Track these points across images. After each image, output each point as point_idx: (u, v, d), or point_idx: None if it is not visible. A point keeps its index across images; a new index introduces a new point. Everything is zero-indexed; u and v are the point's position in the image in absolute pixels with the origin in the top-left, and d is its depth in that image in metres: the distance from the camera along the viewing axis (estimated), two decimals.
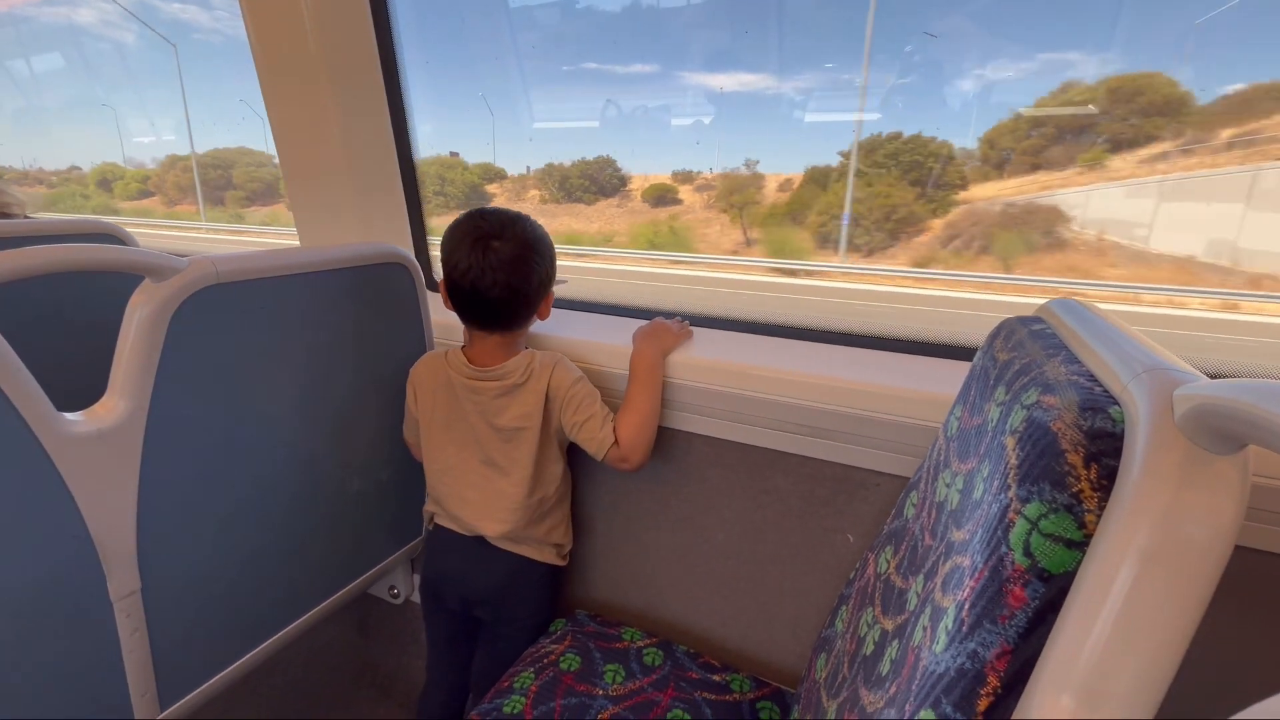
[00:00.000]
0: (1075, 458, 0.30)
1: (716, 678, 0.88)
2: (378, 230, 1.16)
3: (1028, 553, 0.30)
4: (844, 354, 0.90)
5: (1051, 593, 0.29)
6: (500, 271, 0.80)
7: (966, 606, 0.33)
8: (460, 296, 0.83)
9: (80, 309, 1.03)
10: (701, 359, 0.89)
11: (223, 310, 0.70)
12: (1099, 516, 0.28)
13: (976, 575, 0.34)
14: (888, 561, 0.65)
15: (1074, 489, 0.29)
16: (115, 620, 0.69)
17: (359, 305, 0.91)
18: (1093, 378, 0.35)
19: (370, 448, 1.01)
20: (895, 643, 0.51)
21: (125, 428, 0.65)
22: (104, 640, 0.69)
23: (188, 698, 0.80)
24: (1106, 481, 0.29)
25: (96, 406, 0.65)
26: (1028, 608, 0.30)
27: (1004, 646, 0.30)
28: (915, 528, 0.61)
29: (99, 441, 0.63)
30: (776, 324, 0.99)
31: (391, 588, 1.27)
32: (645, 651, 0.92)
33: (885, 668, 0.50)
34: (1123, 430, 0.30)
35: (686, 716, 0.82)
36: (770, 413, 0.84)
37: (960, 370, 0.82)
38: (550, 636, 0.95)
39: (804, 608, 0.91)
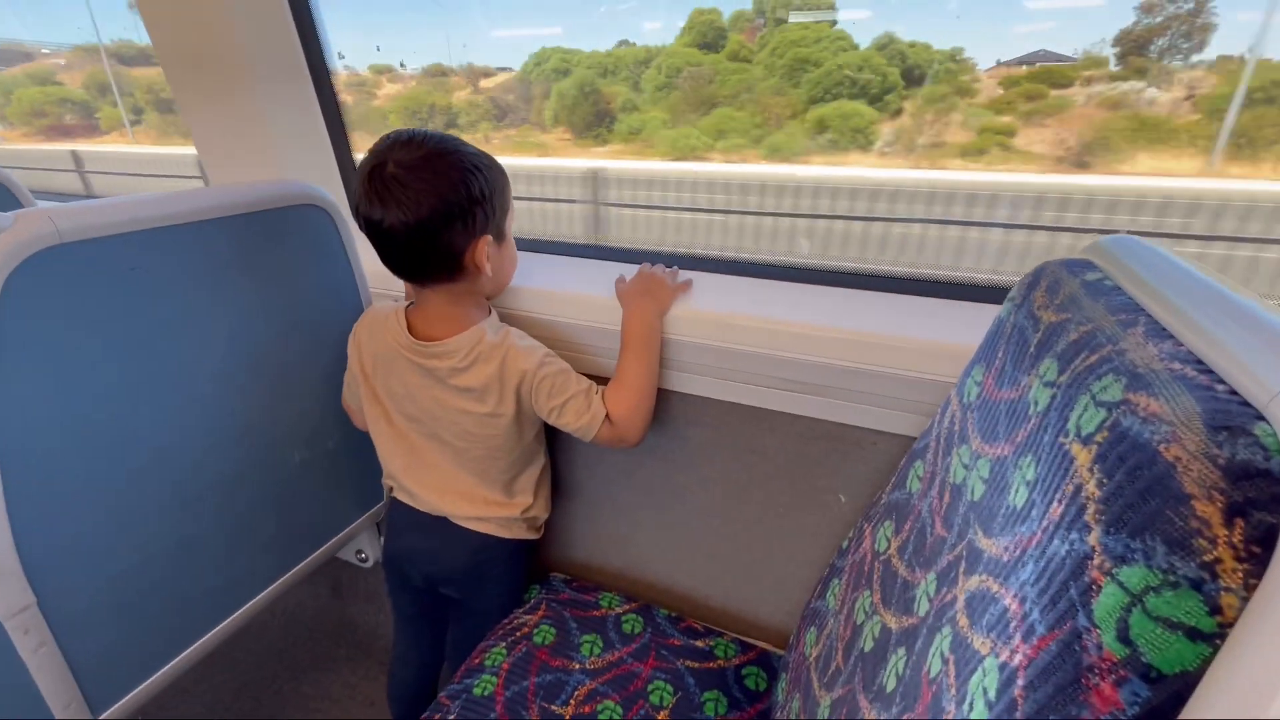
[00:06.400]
0: (1208, 508, 0.20)
1: (699, 643, 0.84)
2: (299, 165, 0.99)
3: (1125, 638, 0.21)
4: (837, 296, 0.79)
5: (1160, 699, 0.20)
6: (390, 202, 0.63)
7: (1020, 682, 0.25)
8: (370, 237, 0.68)
9: None
10: (678, 310, 0.78)
11: (78, 275, 0.57)
12: (1245, 599, 0.19)
13: (1034, 638, 0.25)
14: (888, 539, 0.58)
15: (1206, 556, 0.20)
16: (10, 638, 0.60)
17: (270, 257, 0.77)
18: (1206, 368, 0.25)
19: (312, 414, 0.90)
20: (902, 652, 0.44)
21: None
22: (3, 659, 0.61)
23: (125, 699, 0.73)
24: (1260, 549, 0.19)
25: None
26: (1120, 716, 0.21)
27: None
28: (922, 507, 0.53)
29: None
30: (758, 263, 0.87)
31: (359, 552, 1.21)
32: (624, 619, 0.87)
33: (890, 683, 0.43)
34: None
35: (668, 688, 0.77)
36: (755, 367, 0.74)
37: (974, 314, 0.72)
38: (524, 606, 0.89)
39: (791, 567, 0.86)
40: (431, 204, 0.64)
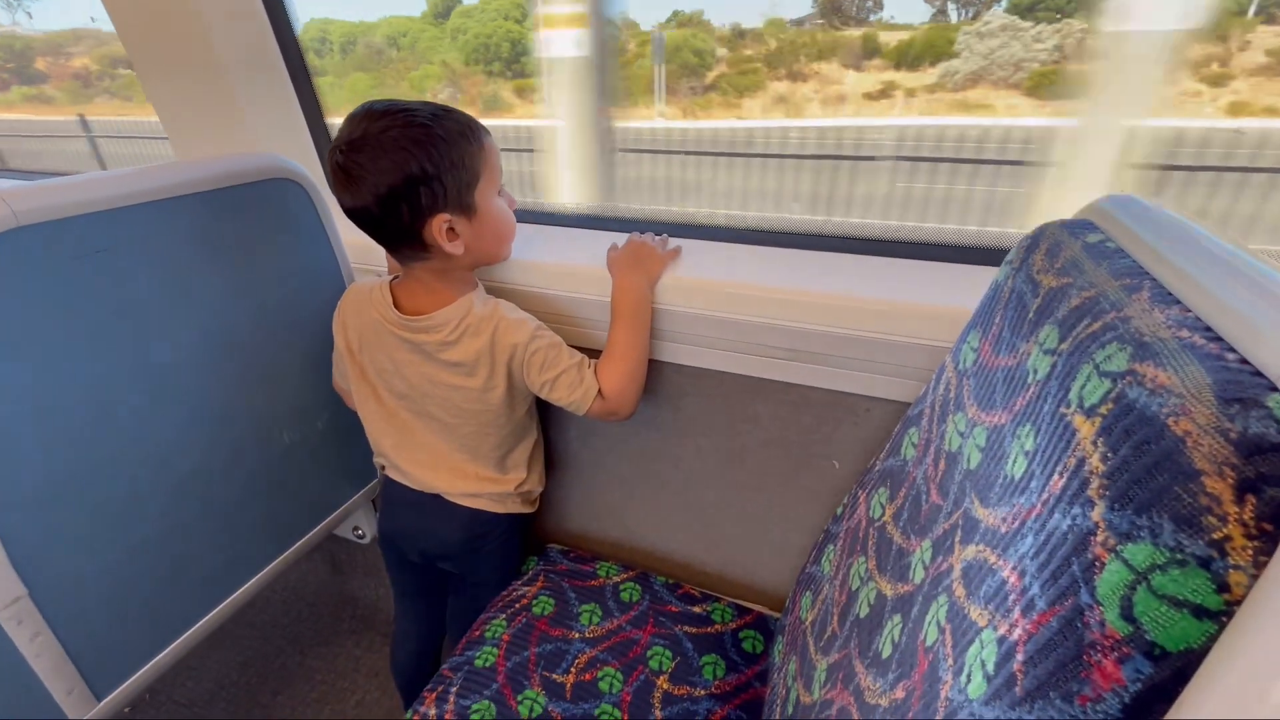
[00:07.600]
0: (1218, 484, 0.20)
1: (697, 609, 0.85)
2: (270, 137, 0.95)
3: (1129, 615, 0.21)
4: (828, 261, 0.78)
5: (1163, 676, 0.20)
6: (339, 187, 0.62)
7: (1020, 656, 0.25)
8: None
9: None
10: (668, 279, 0.76)
11: (39, 260, 0.54)
12: (1254, 577, 0.19)
13: (1034, 612, 0.25)
14: (882, 506, 0.58)
15: (1215, 534, 0.19)
16: (5, 629, 0.60)
17: (245, 234, 0.75)
18: (1216, 336, 0.24)
19: (298, 395, 0.89)
20: (897, 619, 0.44)
21: None
22: (1, 651, 0.61)
23: (127, 683, 0.74)
24: (1271, 525, 0.19)
25: None
26: (1122, 693, 0.21)
27: None
28: (917, 474, 0.53)
29: None
30: (748, 229, 0.85)
31: (356, 529, 1.21)
32: (622, 587, 0.88)
33: (886, 649, 0.44)
34: None
35: (667, 653, 0.79)
36: (746, 335, 0.73)
37: (970, 276, 0.71)
38: (522, 578, 0.90)
39: (786, 532, 0.86)
40: (372, 191, 0.61)
